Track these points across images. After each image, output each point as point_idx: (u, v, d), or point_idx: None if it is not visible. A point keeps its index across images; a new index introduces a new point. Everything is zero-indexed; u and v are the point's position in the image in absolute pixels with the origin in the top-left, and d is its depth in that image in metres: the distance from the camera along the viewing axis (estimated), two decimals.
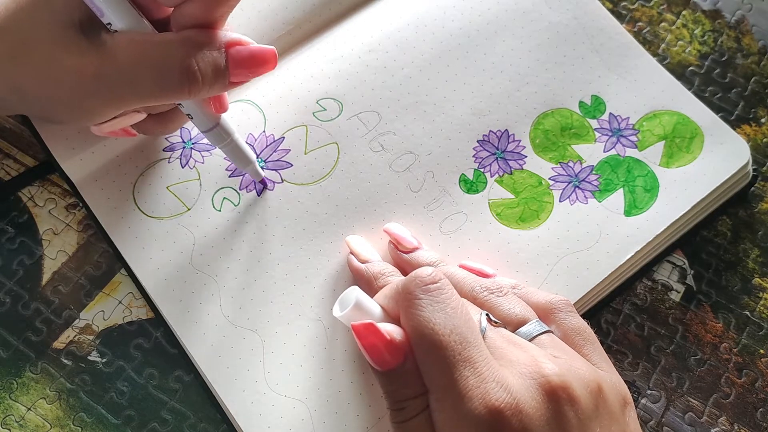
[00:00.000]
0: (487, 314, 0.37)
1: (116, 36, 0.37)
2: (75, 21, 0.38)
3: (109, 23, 0.37)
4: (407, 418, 0.35)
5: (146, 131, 0.44)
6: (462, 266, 0.43)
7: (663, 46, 0.53)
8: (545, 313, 0.40)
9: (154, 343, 0.44)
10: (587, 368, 0.36)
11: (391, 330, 0.35)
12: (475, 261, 0.44)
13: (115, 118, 0.41)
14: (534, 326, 0.38)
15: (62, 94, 0.39)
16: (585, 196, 0.46)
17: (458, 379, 0.33)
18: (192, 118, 0.41)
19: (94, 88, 0.38)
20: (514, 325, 0.38)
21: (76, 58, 0.37)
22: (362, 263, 0.42)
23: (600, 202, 0.46)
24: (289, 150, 0.46)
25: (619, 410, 0.36)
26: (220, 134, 0.42)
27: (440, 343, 0.33)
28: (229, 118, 0.43)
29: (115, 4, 0.37)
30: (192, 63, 0.37)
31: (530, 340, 0.37)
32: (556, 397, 0.33)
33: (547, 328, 0.38)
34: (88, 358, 0.43)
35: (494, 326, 0.37)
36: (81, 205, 0.46)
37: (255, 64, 0.39)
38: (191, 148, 0.46)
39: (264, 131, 0.46)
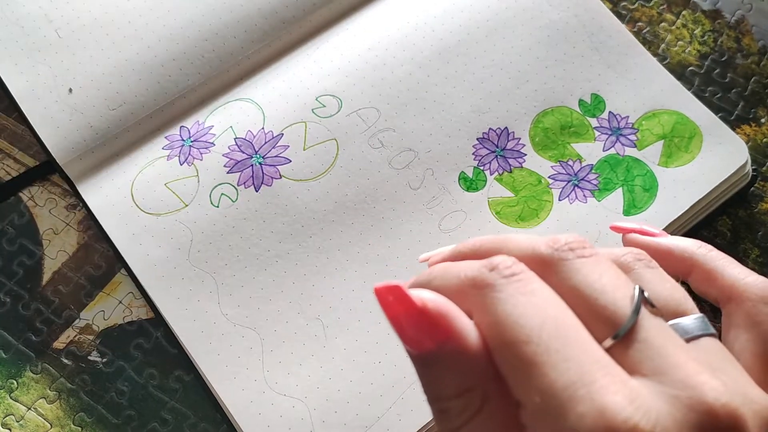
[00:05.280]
0: (642, 291, 0.25)
1: None
2: None
3: None
4: (454, 428, 0.24)
5: None
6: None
7: (663, 46, 0.53)
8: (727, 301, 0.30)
9: (154, 343, 0.44)
10: (763, 398, 0.25)
11: (425, 297, 0.24)
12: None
13: None
14: (698, 323, 0.26)
15: None
16: (584, 195, 0.46)
17: (557, 383, 0.22)
18: None
19: None
20: (669, 314, 0.27)
21: None
22: (444, 254, 0.31)
23: (599, 201, 0.46)
24: (288, 146, 0.46)
25: None
26: None
27: (528, 339, 0.23)
28: (232, 121, 0.41)
29: None
30: None
31: (686, 341, 0.26)
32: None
33: (713, 330, 0.27)
34: (89, 358, 0.43)
35: (652, 312, 0.25)
36: (81, 205, 0.46)
37: None
38: (190, 146, 0.46)
39: (263, 128, 0.46)
